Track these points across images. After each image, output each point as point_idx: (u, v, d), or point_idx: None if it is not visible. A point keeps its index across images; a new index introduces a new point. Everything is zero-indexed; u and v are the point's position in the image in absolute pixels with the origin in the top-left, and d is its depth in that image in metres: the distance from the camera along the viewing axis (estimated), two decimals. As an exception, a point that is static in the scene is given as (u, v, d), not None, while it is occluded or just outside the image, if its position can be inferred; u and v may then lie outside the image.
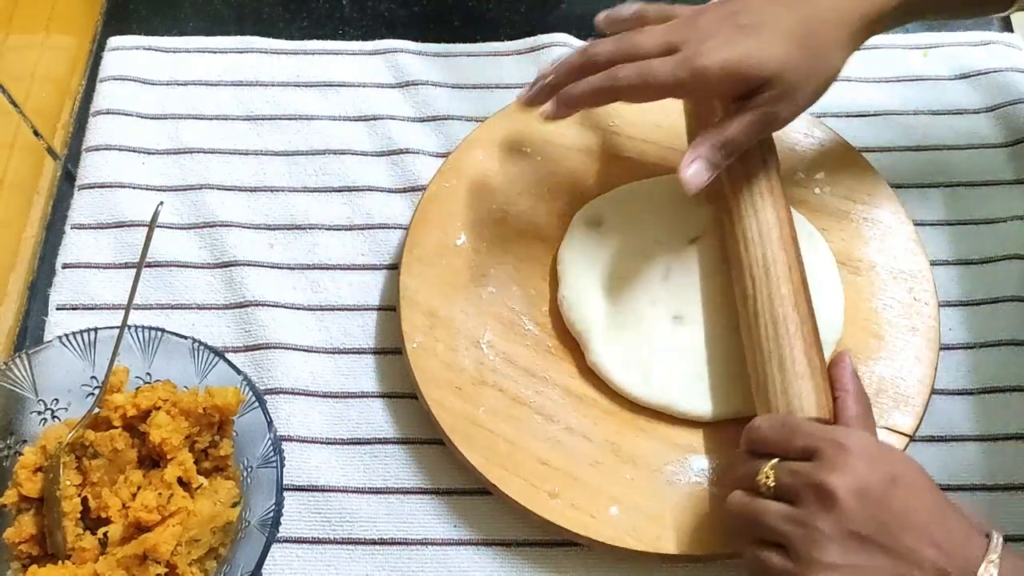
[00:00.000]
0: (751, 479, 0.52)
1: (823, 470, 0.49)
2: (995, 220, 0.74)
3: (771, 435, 0.53)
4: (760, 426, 0.54)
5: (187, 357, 0.62)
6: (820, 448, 0.50)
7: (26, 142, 0.74)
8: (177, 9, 0.86)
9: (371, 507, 0.63)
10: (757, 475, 0.52)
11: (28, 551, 0.58)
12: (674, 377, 0.63)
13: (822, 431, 0.52)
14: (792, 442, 0.52)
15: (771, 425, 0.54)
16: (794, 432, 0.52)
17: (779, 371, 0.57)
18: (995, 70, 0.81)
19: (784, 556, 0.49)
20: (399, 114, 0.80)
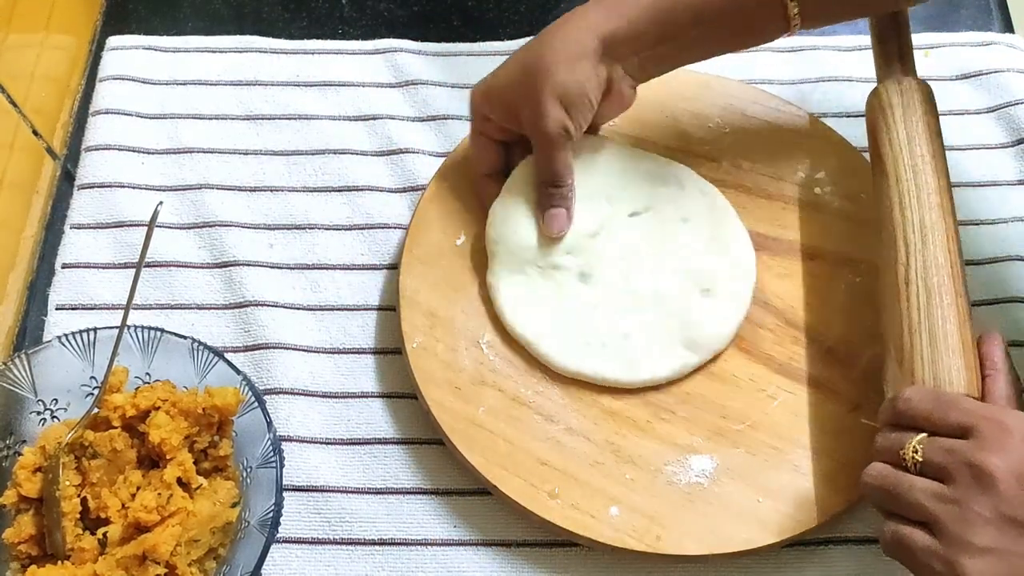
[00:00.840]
0: (895, 452, 0.50)
1: (982, 449, 0.47)
2: (996, 220, 0.74)
3: (922, 408, 0.51)
4: (910, 397, 0.52)
5: (187, 357, 0.62)
6: (978, 426, 0.48)
7: (26, 142, 0.74)
8: (177, 9, 0.86)
9: (371, 507, 0.63)
10: (903, 448, 0.50)
11: (28, 551, 0.58)
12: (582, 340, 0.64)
13: (981, 408, 0.50)
14: (947, 417, 0.50)
15: (923, 398, 0.52)
16: (950, 407, 0.50)
17: (929, 344, 0.55)
18: (996, 71, 0.81)
19: (930, 535, 0.47)
20: (399, 114, 0.79)
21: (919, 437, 0.50)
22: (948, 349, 0.55)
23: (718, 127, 0.74)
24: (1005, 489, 0.46)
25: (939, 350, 0.55)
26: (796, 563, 0.61)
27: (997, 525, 0.46)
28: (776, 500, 0.60)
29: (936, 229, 0.59)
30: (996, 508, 0.46)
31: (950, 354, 0.55)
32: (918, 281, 0.57)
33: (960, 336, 0.55)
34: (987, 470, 0.46)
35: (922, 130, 0.63)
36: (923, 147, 0.62)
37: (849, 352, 0.65)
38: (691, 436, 0.63)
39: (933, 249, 0.58)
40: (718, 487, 0.61)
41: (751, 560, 0.61)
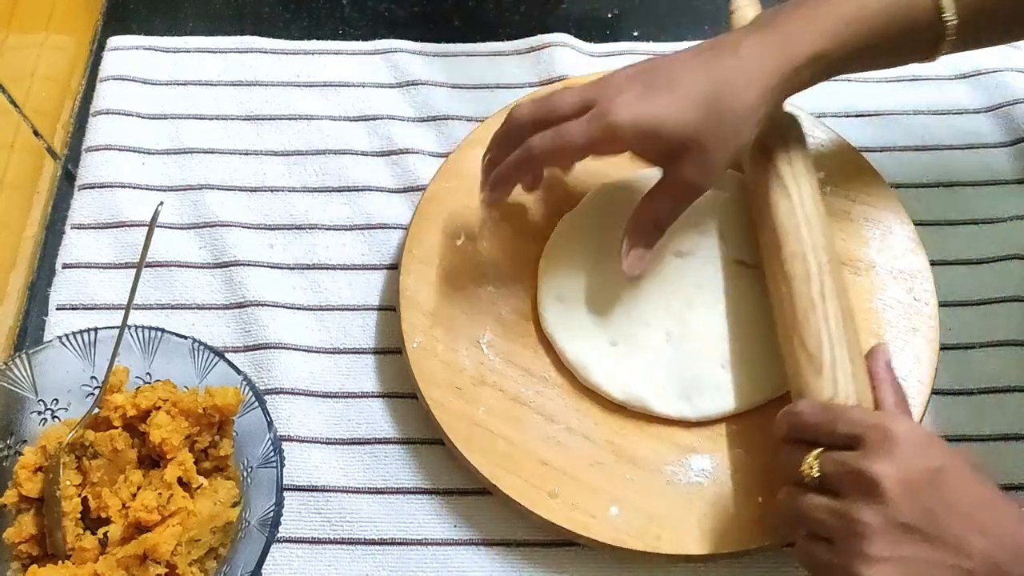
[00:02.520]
0: (795, 469, 0.51)
1: (868, 459, 0.48)
2: (995, 220, 0.74)
3: (812, 420, 0.52)
4: (801, 411, 0.53)
5: (187, 357, 0.62)
6: (864, 435, 0.49)
7: (26, 142, 0.74)
8: (177, 9, 0.86)
9: (371, 507, 0.63)
10: (801, 465, 0.51)
11: (28, 551, 0.58)
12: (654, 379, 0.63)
13: (868, 417, 0.51)
14: (836, 429, 0.51)
15: (812, 411, 0.53)
16: (838, 418, 0.51)
17: (850, 359, 0.56)
18: (995, 70, 0.81)
19: (831, 549, 0.48)
20: (399, 114, 0.80)
21: (815, 452, 0.51)
22: (863, 365, 0.57)
23: None
24: (892, 496, 0.47)
25: (858, 364, 0.57)
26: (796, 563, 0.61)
27: (889, 533, 0.47)
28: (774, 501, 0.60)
29: (831, 252, 0.61)
30: (886, 516, 0.47)
31: (864, 368, 0.57)
32: (833, 299, 0.59)
33: (857, 349, 0.58)
34: (874, 479, 0.47)
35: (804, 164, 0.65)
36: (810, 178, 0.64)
37: (849, 352, 0.65)
38: (691, 436, 0.63)
39: (835, 271, 0.60)
40: (718, 487, 0.61)
41: (751, 560, 0.61)
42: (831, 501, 0.49)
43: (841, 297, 0.60)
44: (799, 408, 0.54)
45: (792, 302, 0.59)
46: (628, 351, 0.64)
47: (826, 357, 0.56)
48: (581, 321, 0.65)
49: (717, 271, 0.67)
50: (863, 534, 0.47)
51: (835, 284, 0.60)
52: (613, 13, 0.87)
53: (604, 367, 0.64)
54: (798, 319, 0.59)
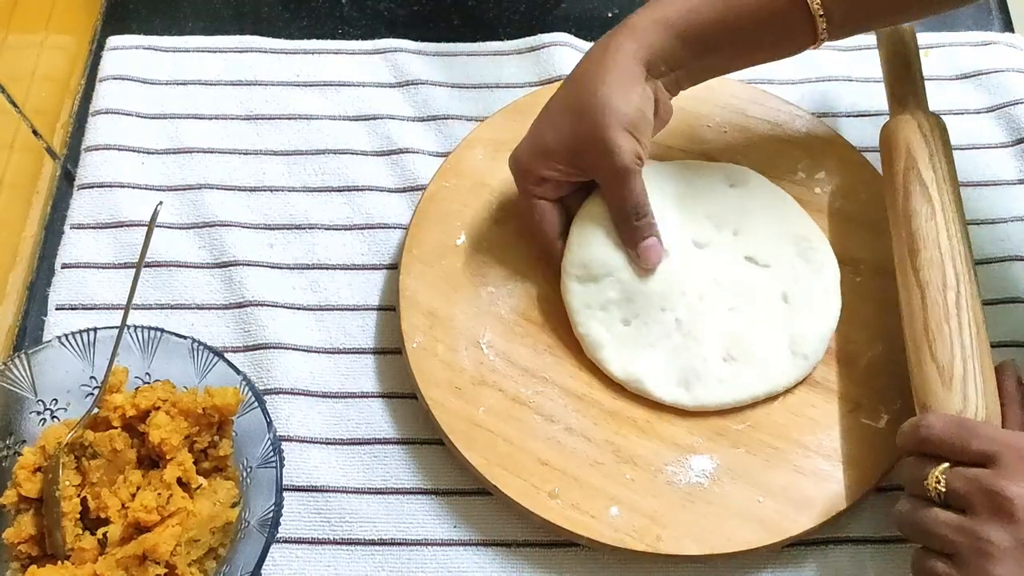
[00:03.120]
0: (919, 483, 0.50)
1: (1001, 477, 0.47)
2: (996, 220, 0.74)
3: (946, 436, 0.51)
4: (932, 424, 0.52)
5: (186, 357, 0.62)
6: (999, 453, 0.48)
7: (26, 142, 0.74)
8: (177, 9, 0.86)
9: (371, 507, 0.63)
10: (926, 479, 0.50)
11: (28, 551, 0.58)
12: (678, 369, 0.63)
13: (1003, 436, 0.50)
14: (969, 445, 0.50)
15: (945, 425, 0.52)
16: (972, 435, 0.50)
17: (982, 373, 0.55)
18: (996, 70, 0.81)
19: (951, 565, 0.48)
20: (399, 114, 0.79)
21: (942, 467, 0.50)
22: (993, 380, 0.56)
23: (718, 127, 0.74)
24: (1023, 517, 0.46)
25: (989, 379, 0.56)
26: (796, 563, 0.61)
27: (1017, 555, 0.46)
28: (776, 500, 0.60)
29: (969, 263, 0.60)
30: (1016, 537, 0.46)
31: (995, 384, 0.56)
32: (969, 311, 0.58)
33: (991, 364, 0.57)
34: (1007, 498, 0.46)
35: (948, 170, 0.64)
36: (953, 185, 0.64)
37: (849, 352, 0.65)
38: (691, 436, 0.63)
39: (972, 282, 0.60)
40: (718, 487, 0.61)
41: (751, 560, 0.61)
42: (958, 518, 0.48)
43: (977, 311, 0.59)
44: (930, 421, 0.52)
45: (925, 310, 0.59)
46: (638, 333, 0.64)
47: (957, 370, 0.56)
48: (600, 296, 0.65)
49: (730, 267, 0.66)
50: (992, 554, 0.46)
51: (973, 296, 0.59)
52: (613, 13, 0.87)
53: (612, 344, 0.64)
54: (931, 328, 0.58)
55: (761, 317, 0.65)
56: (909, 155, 0.64)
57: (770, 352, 0.63)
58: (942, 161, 0.64)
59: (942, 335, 0.57)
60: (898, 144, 0.65)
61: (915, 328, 0.59)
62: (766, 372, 0.63)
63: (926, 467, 0.51)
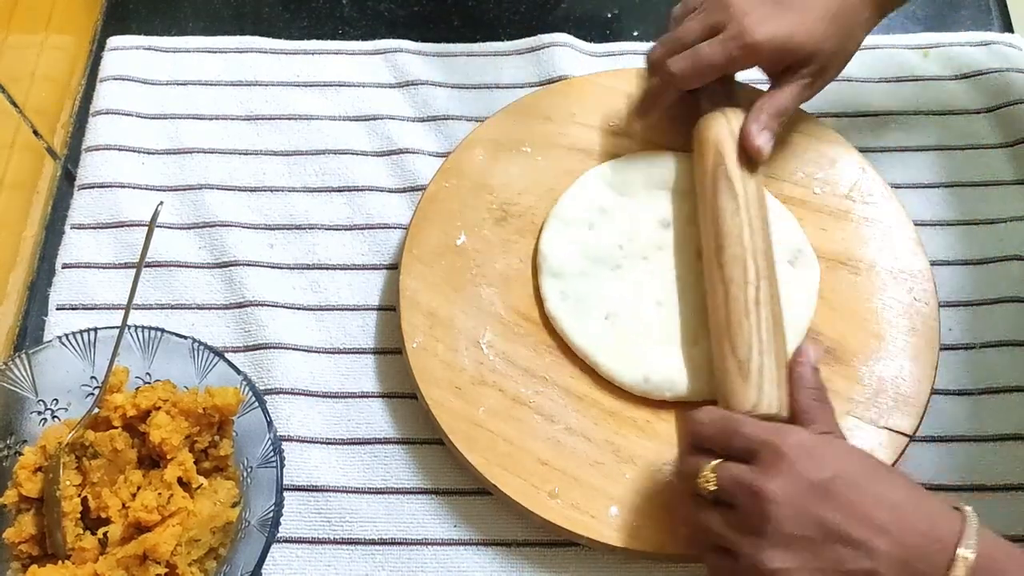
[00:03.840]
0: (693, 481, 0.52)
1: (759, 475, 0.49)
2: (995, 220, 0.74)
3: (711, 432, 0.53)
4: (701, 420, 0.54)
5: (187, 357, 0.62)
6: (757, 451, 0.50)
7: (26, 142, 0.74)
8: (177, 9, 0.86)
9: (371, 507, 0.63)
10: (698, 477, 0.51)
11: (28, 551, 0.58)
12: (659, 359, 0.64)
13: (760, 431, 0.51)
14: (731, 442, 0.52)
15: (712, 421, 0.53)
16: (734, 432, 0.52)
17: (776, 367, 0.57)
18: (995, 70, 0.81)
19: (734, 562, 0.49)
20: (399, 114, 0.80)
21: (712, 464, 0.51)
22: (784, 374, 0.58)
23: None
24: (783, 511, 0.48)
25: (783, 371, 0.58)
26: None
27: (785, 545, 0.47)
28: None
29: (769, 256, 0.63)
30: (779, 530, 0.48)
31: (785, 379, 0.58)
32: (767, 306, 0.60)
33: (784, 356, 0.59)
34: (766, 496, 0.48)
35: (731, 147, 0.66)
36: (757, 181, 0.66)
37: (846, 351, 0.65)
38: (691, 436, 0.63)
39: (771, 276, 0.62)
40: (718, 487, 0.61)
41: (751, 560, 0.61)
42: (728, 515, 0.50)
43: (775, 304, 0.61)
44: (699, 416, 0.54)
45: (727, 306, 0.60)
46: (616, 326, 0.65)
47: (755, 364, 0.58)
48: (575, 292, 0.66)
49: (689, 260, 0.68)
50: (762, 546, 0.48)
51: (771, 290, 0.61)
52: (613, 13, 0.87)
53: (595, 339, 0.64)
54: (732, 324, 0.60)
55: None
56: (717, 152, 0.66)
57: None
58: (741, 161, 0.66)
59: (741, 331, 0.59)
60: (707, 140, 0.67)
61: (718, 323, 0.61)
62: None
63: (699, 463, 0.52)
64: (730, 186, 0.64)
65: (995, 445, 0.65)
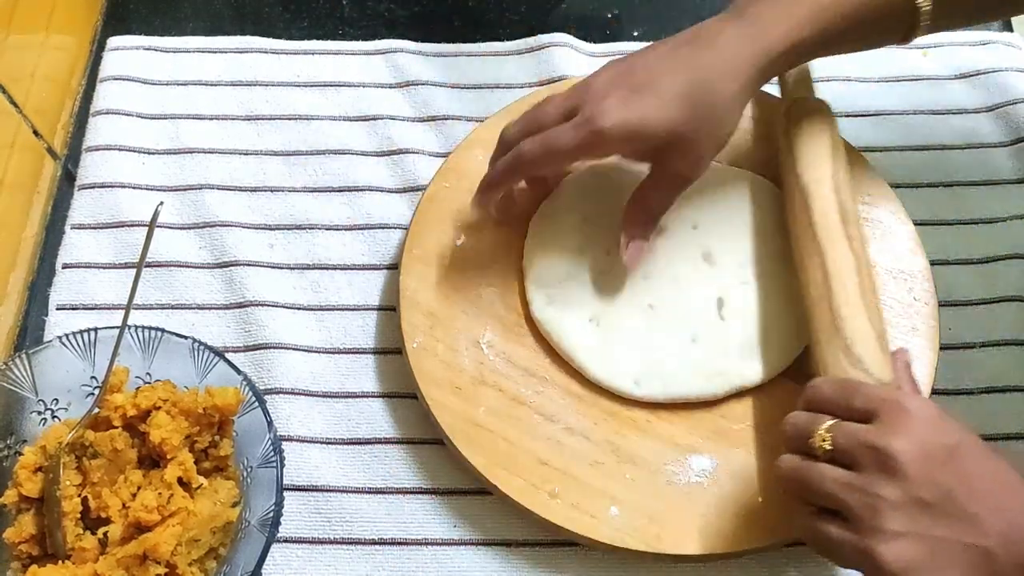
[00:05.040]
0: (804, 440, 0.50)
1: (884, 433, 0.47)
2: (995, 220, 0.74)
3: (830, 395, 0.51)
4: (819, 385, 0.53)
5: (187, 357, 0.62)
6: (880, 410, 0.49)
7: (26, 142, 0.74)
8: (177, 9, 0.86)
9: (371, 507, 0.63)
10: (812, 436, 0.50)
11: (28, 551, 0.58)
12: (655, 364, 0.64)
13: (883, 392, 0.50)
14: (852, 402, 0.50)
15: (830, 385, 0.52)
16: (854, 393, 0.51)
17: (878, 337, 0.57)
18: (995, 70, 0.81)
19: (844, 526, 0.48)
20: (399, 114, 0.80)
21: (828, 424, 0.50)
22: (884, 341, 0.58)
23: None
24: (909, 471, 0.46)
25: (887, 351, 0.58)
26: (796, 563, 0.61)
27: (907, 509, 0.46)
28: (776, 500, 0.60)
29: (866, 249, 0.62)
30: (904, 491, 0.46)
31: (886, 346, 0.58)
32: (869, 295, 0.59)
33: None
34: (891, 454, 0.47)
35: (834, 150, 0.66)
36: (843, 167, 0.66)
37: (849, 352, 0.65)
38: (691, 436, 0.63)
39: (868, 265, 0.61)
40: (718, 487, 0.61)
41: (751, 560, 0.61)
42: (847, 474, 0.48)
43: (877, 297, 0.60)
44: (818, 383, 0.53)
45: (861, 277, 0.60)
46: (607, 331, 0.65)
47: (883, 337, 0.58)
48: (566, 299, 0.66)
49: (686, 263, 0.67)
50: (880, 509, 0.46)
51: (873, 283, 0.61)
52: (613, 13, 0.87)
53: (585, 345, 0.64)
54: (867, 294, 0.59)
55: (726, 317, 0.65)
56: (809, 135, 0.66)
57: (730, 349, 0.64)
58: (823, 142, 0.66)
59: (876, 305, 0.59)
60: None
61: (848, 291, 0.59)
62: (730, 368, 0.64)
63: (812, 423, 0.51)
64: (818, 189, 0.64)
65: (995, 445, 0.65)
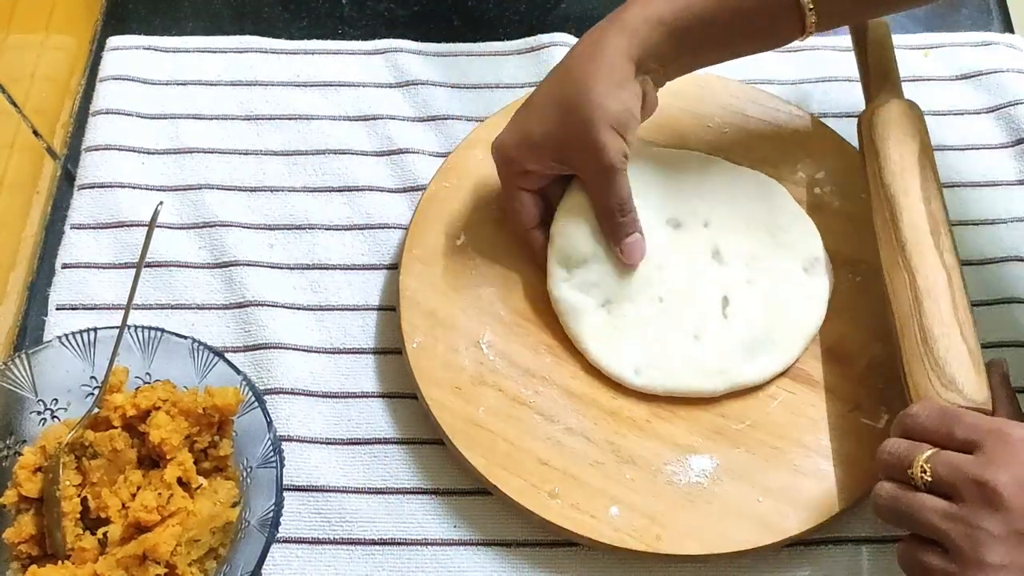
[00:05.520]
0: (903, 469, 0.50)
1: (987, 465, 0.47)
2: (995, 220, 0.74)
3: (929, 423, 0.51)
4: (917, 413, 0.52)
5: (187, 357, 0.62)
6: (983, 441, 0.48)
7: (26, 142, 0.74)
8: (177, 9, 0.86)
9: (371, 507, 0.63)
10: (911, 466, 0.49)
11: (28, 551, 0.58)
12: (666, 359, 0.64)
13: (985, 422, 0.50)
14: (953, 433, 0.50)
15: (929, 413, 0.52)
16: (955, 422, 0.50)
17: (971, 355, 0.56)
18: (996, 71, 0.81)
19: (944, 557, 0.47)
20: (399, 114, 0.80)
21: (927, 454, 0.50)
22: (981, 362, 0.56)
23: (718, 127, 0.74)
24: (1013, 504, 0.46)
25: (982, 370, 0.56)
26: (796, 563, 0.61)
27: (1009, 541, 0.46)
28: (776, 500, 0.60)
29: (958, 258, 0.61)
30: (1006, 524, 0.46)
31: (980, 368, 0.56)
32: (962, 302, 0.58)
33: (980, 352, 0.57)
34: (994, 486, 0.46)
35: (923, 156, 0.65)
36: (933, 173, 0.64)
37: (849, 352, 0.65)
38: (691, 436, 0.63)
39: (961, 275, 0.60)
40: (718, 487, 0.61)
41: (751, 560, 0.61)
42: (948, 505, 0.48)
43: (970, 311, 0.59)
44: (914, 411, 0.53)
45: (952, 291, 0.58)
46: (621, 320, 0.65)
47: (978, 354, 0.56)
48: (584, 284, 0.65)
49: (697, 258, 0.67)
50: (982, 541, 0.46)
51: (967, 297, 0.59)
52: (613, 13, 0.87)
53: (596, 332, 0.64)
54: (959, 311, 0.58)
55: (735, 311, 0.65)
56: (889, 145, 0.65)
57: (732, 348, 0.64)
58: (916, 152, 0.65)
59: (969, 320, 0.58)
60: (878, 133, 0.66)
61: (940, 310, 0.58)
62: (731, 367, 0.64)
63: (911, 453, 0.50)
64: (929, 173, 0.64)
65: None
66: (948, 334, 0.57)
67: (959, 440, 0.49)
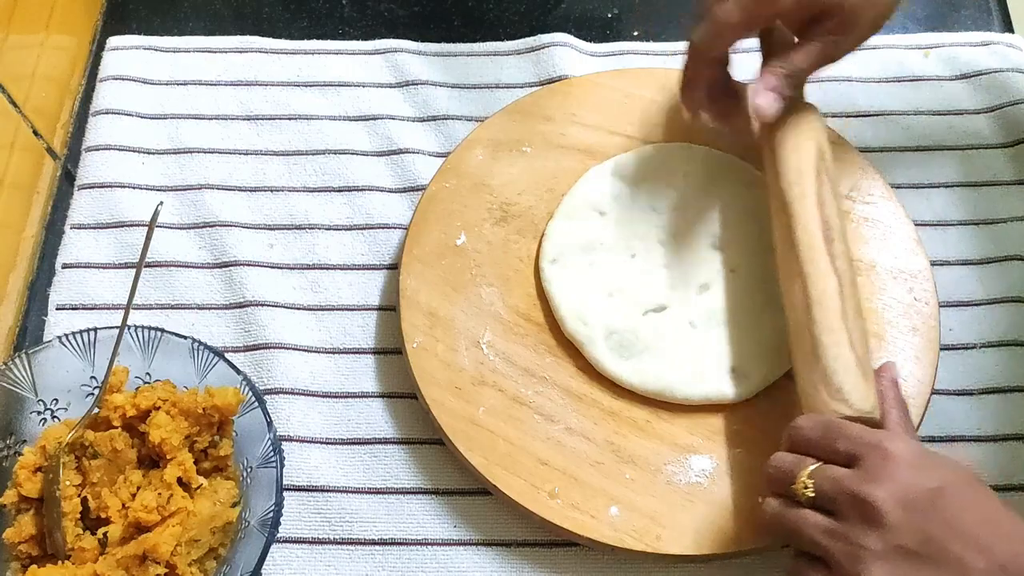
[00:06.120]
0: (787, 484, 0.50)
1: (866, 480, 0.47)
2: (995, 220, 0.74)
3: (812, 436, 0.51)
4: (802, 426, 0.52)
5: (187, 357, 0.62)
6: (863, 454, 0.48)
7: (26, 142, 0.74)
8: (177, 9, 0.86)
9: (371, 507, 0.63)
10: (795, 481, 0.50)
11: (28, 551, 0.58)
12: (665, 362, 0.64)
13: (867, 435, 0.50)
14: (835, 445, 0.50)
15: (813, 426, 0.52)
16: (837, 435, 0.50)
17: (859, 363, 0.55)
18: (996, 70, 0.81)
19: (827, 573, 0.48)
20: (399, 114, 0.80)
21: (811, 468, 0.50)
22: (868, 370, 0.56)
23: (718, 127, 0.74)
24: (890, 520, 0.46)
25: (870, 378, 0.55)
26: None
27: (889, 557, 0.46)
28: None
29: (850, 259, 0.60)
30: (886, 540, 0.46)
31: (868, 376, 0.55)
32: (851, 312, 0.57)
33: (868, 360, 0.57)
34: (872, 502, 0.46)
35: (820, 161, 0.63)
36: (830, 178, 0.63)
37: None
38: (690, 436, 0.63)
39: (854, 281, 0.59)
40: (718, 487, 0.61)
41: (751, 560, 0.61)
42: (829, 522, 0.48)
43: (861, 316, 0.58)
44: (800, 423, 0.53)
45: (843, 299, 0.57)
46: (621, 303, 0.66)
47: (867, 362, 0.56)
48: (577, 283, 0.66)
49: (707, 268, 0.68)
50: (862, 558, 0.46)
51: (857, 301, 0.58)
52: (613, 13, 0.87)
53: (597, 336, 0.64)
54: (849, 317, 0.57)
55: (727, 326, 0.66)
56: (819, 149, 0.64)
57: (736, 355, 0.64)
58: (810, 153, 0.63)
59: (860, 327, 0.57)
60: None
61: (829, 318, 0.57)
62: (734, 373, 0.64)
63: (795, 467, 0.50)
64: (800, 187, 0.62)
65: (995, 445, 0.65)
66: (837, 342, 0.56)
67: (842, 453, 0.49)
